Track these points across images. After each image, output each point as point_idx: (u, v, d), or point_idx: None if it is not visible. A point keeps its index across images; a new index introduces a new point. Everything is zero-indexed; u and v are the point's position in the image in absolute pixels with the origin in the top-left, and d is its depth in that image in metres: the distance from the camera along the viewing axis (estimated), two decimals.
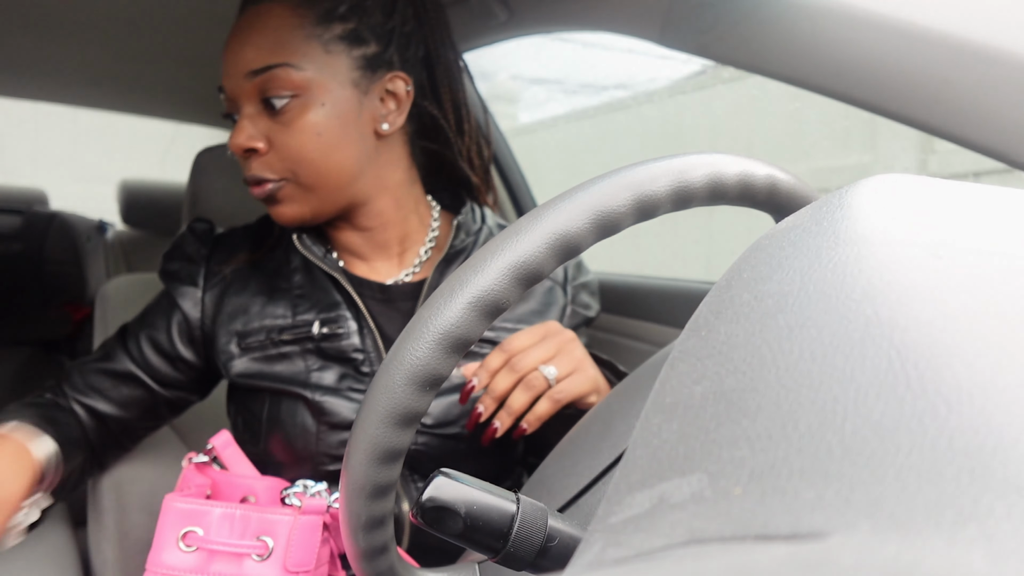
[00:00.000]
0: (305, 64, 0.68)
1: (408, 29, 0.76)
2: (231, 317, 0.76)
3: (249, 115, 0.70)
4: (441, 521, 0.35)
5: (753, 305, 0.24)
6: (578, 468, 0.47)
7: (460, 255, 0.79)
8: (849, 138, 2.20)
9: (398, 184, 0.78)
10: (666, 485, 0.19)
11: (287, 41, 0.68)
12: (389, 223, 0.78)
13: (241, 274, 0.79)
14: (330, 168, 0.71)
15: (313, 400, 0.72)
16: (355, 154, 0.72)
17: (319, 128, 0.69)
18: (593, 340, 1.19)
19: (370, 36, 0.72)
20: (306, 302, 0.76)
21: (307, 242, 0.76)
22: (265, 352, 0.75)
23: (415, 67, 0.78)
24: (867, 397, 0.18)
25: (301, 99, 0.69)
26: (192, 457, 0.70)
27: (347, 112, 0.71)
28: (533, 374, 0.65)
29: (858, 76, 0.58)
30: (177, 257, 0.81)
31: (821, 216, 0.27)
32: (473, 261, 0.35)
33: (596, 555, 0.18)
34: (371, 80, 0.72)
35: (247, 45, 0.69)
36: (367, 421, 0.35)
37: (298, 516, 0.63)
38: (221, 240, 0.82)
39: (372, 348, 0.74)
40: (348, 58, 0.71)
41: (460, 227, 0.80)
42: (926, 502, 0.15)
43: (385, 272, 0.80)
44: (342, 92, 0.70)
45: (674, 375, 0.24)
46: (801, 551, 0.14)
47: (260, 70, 0.68)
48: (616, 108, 3.36)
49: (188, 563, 0.63)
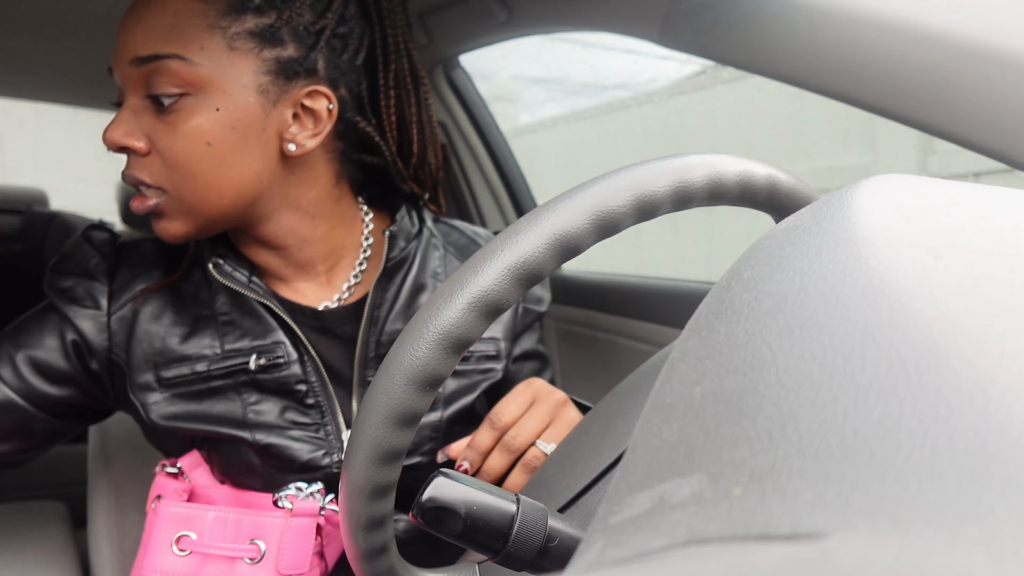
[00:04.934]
0: (200, 58, 0.58)
1: (344, 30, 0.65)
2: (145, 346, 0.65)
3: (133, 107, 0.60)
4: (441, 521, 0.35)
5: (753, 305, 0.24)
6: (578, 468, 0.47)
7: (402, 266, 0.71)
8: (849, 138, 2.20)
9: (314, 202, 0.67)
10: (666, 485, 0.19)
11: (183, 29, 0.58)
12: (307, 241, 0.68)
13: (154, 296, 0.67)
14: (220, 185, 0.61)
15: (255, 442, 0.64)
16: (253, 172, 0.62)
17: (209, 136, 0.59)
18: (593, 340, 1.19)
19: (289, 37, 0.61)
20: (235, 330, 0.66)
21: (226, 268, 0.66)
22: (191, 388, 0.65)
23: (350, 76, 0.67)
24: (867, 397, 0.18)
25: (191, 99, 0.59)
26: (165, 466, 0.68)
27: (247, 123, 0.60)
28: (531, 452, 0.59)
29: (858, 76, 0.58)
30: (72, 271, 0.67)
31: (821, 216, 0.27)
32: (473, 261, 0.35)
33: (596, 555, 0.18)
34: (283, 89, 0.61)
35: (138, 26, 0.59)
36: (367, 422, 0.35)
37: (289, 519, 0.63)
38: (125, 252, 0.69)
39: (315, 378, 0.67)
40: (257, 59, 0.60)
41: (395, 237, 0.70)
42: (927, 502, 0.15)
43: (312, 295, 0.70)
44: (243, 98, 0.60)
45: (674, 375, 0.24)
46: (801, 551, 0.14)
47: (147, 58, 0.58)
48: (616, 108, 3.36)
49: (181, 567, 0.62)
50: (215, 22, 0.59)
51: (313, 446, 0.66)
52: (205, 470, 0.69)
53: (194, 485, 0.68)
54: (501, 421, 0.60)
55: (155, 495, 0.67)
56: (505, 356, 0.75)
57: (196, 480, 0.68)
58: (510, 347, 0.76)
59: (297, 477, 0.66)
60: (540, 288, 0.81)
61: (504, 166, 1.36)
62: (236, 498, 0.68)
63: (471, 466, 0.61)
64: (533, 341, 0.81)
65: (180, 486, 0.67)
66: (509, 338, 0.76)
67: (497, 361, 0.74)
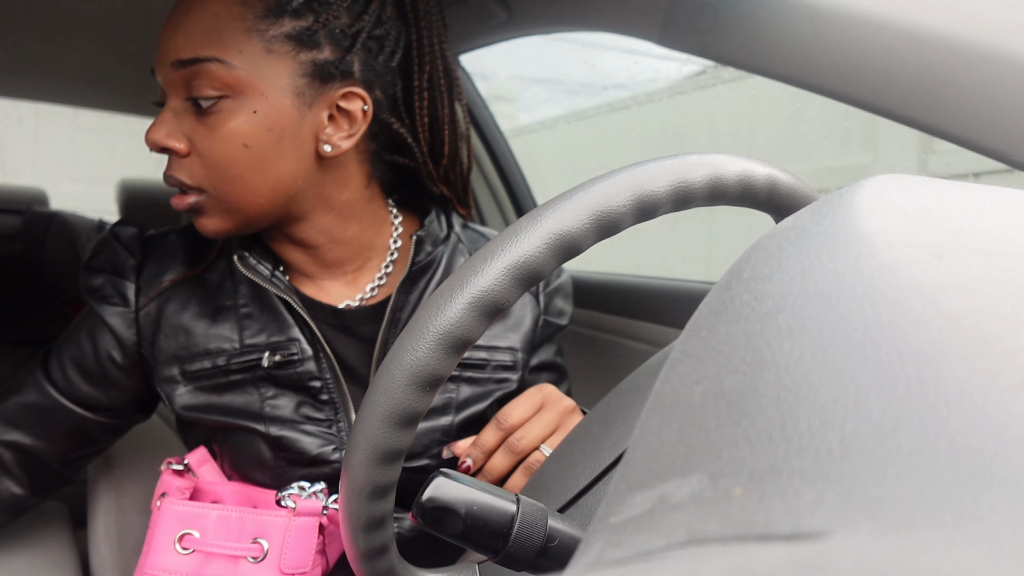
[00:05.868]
0: (239, 61, 0.59)
1: (381, 32, 0.66)
2: (171, 340, 0.67)
3: (174, 109, 0.62)
4: (441, 521, 0.35)
5: (753, 305, 0.24)
6: (578, 468, 0.47)
7: (427, 270, 0.71)
8: (849, 138, 2.20)
9: (347, 203, 0.68)
10: (666, 485, 0.19)
11: (222, 32, 0.59)
12: (337, 242, 0.69)
13: (180, 287, 0.69)
14: (257, 185, 0.62)
15: (268, 434, 0.66)
16: (289, 172, 0.63)
17: (246, 138, 0.60)
18: (593, 340, 1.19)
19: (326, 40, 0.62)
20: (254, 323, 0.67)
21: (251, 261, 0.67)
22: (212, 381, 0.67)
23: (385, 77, 0.67)
24: (867, 397, 0.18)
25: (230, 101, 0.60)
26: (171, 463, 0.69)
27: (283, 125, 0.61)
28: (535, 456, 0.60)
29: (858, 76, 0.58)
30: (101, 269, 0.69)
31: (821, 216, 0.27)
32: (473, 261, 0.35)
33: (596, 555, 0.18)
34: (319, 91, 0.62)
35: (179, 30, 0.60)
36: (367, 421, 0.35)
37: (292, 518, 0.63)
38: (152, 246, 0.71)
39: (330, 375, 0.67)
40: (293, 62, 0.61)
41: (422, 242, 0.71)
42: (926, 502, 0.15)
43: (336, 294, 0.71)
44: (280, 100, 0.61)
45: (674, 375, 0.24)
46: (801, 551, 0.14)
47: (187, 61, 0.59)
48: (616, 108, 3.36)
49: (184, 566, 0.62)
50: (253, 25, 0.60)
51: (323, 440, 0.67)
52: (213, 467, 0.70)
53: (200, 482, 0.68)
54: (508, 422, 0.61)
55: (160, 492, 0.68)
56: (522, 367, 0.74)
57: (203, 476, 0.69)
58: (527, 358, 0.75)
59: (306, 471, 0.67)
60: (563, 301, 0.80)
61: (504, 166, 1.36)
62: (242, 495, 0.68)
63: (474, 463, 0.61)
64: (551, 353, 0.80)
65: (184, 483, 0.67)
66: (527, 349, 0.75)
67: (513, 372, 0.74)
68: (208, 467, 0.69)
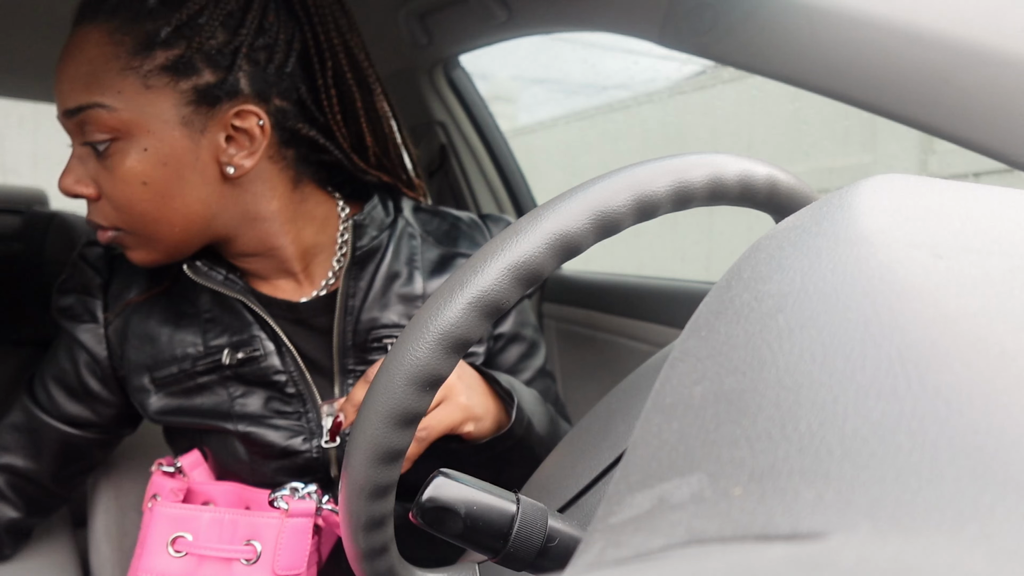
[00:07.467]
0: (119, 103, 0.58)
1: (265, 41, 0.63)
2: (139, 351, 0.69)
3: (79, 155, 0.62)
4: (441, 521, 0.35)
5: (753, 305, 0.24)
6: (578, 468, 0.47)
7: (373, 256, 0.71)
8: (849, 138, 2.20)
9: (277, 211, 0.68)
10: (666, 485, 0.19)
11: (98, 76, 0.59)
12: (278, 247, 0.69)
13: (145, 301, 0.71)
14: (168, 218, 0.62)
15: (237, 431, 0.67)
16: (198, 200, 0.63)
17: (143, 176, 0.60)
18: (593, 340, 1.19)
19: (203, 63, 0.60)
20: (216, 326, 0.68)
21: (202, 269, 0.68)
22: (181, 386, 0.68)
23: (282, 84, 0.65)
24: (867, 397, 0.18)
25: (121, 143, 0.59)
26: (161, 464, 0.69)
27: (177, 156, 0.60)
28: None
29: (858, 76, 0.58)
30: (71, 290, 0.71)
31: (821, 216, 0.27)
32: (473, 261, 0.35)
33: (596, 555, 0.18)
34: (208, 116, 0.61)
35: (63, 79, 0.60)
36: (367, 421, 0.35)
37: (285, 520, 0.63)
38: (118, 264, 0.72)
39: (294, 368, 0.68)
40: (174, 92, 0.60)
41: (362, 227, 0.71)
42: (927, 502, 0.15)
43: (292, 290, 0.72)
44: (168, 133, 0.60)
45: (674, 375, 0.24)
46: (801, 551, 0.14)
47: (73, 111, 0.59)
48: (616, 108, 3.36)
49: (177, 568, 0.62)
50: (127, 64, 0.59)
51: (291, 432, 0.68)
52: (204, 469, 0.70)
53: (192, 483, 0.68)
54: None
55: (151, 494, 0.67)
56: (486, 339, 0.75)
57: (195, 479, 0.69)
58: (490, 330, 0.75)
59: (278, 464, 0.68)
60: None
61: (504, 166, 1.36)
62: (235, 495, 0.68)
63: (346, 420, 0.60)
64: (511, 323, 0.78)
65: (176, 485, 0.67)
66: None
67: (479, 344, 0.74)
68: (201, 470, 0.70)
